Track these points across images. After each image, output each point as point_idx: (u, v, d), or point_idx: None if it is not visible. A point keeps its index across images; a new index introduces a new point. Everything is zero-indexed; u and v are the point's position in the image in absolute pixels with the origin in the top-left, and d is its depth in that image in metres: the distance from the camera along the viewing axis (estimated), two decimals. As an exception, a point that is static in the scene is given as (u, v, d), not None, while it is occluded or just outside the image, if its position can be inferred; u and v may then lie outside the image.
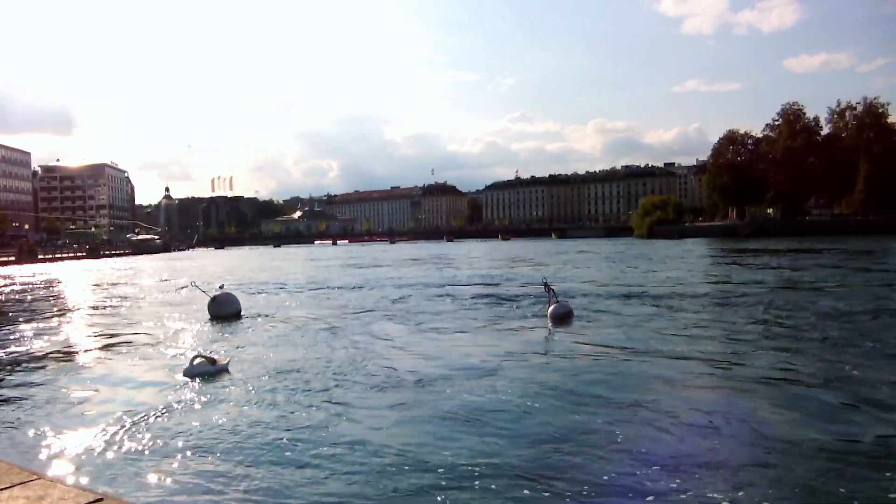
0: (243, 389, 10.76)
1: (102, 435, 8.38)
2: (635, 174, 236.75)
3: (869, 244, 61.47)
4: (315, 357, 13.37)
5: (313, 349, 14.34)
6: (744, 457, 7.06)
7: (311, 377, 11.50)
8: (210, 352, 13.65)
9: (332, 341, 15.36)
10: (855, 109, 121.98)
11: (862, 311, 17.75)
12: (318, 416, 9.02)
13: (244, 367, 12.65)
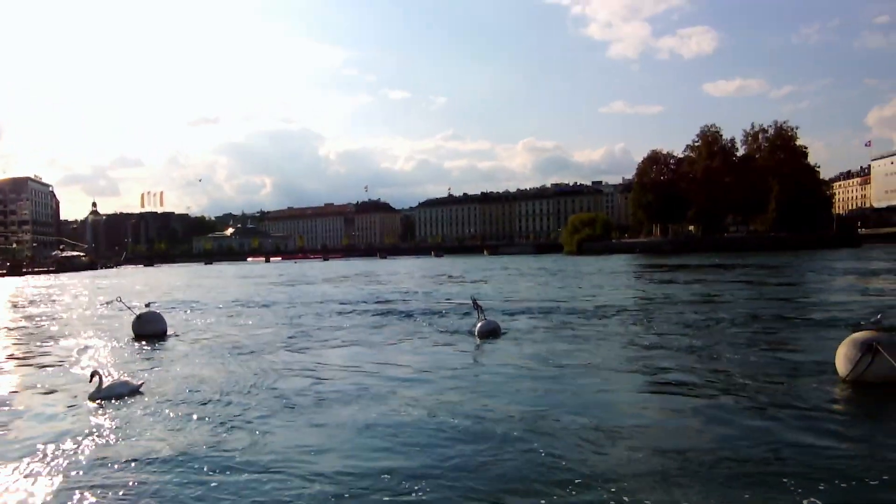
0: (154, 413, 10.17)
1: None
2: (564, 192, 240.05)
3: (776, 260, 63.65)
4: (236, 377, 12.94)
5: (235, 369, 13.93)
6: (654, 465, 7.03)
7: (229, 398, 11.02)
8: (127, 373, 13.22)
9: (254, 360, 14.97)
10: (767, 132, 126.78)
11: (742, 321, 18.73)
12: (231, 440, 8.60)
13: (160, 388, 12.05)
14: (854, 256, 70.61)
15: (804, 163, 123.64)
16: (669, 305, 24.64)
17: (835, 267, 50.34)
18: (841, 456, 7.33)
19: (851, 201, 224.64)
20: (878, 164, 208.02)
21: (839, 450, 7.54)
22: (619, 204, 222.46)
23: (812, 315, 20.17)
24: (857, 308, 21.62)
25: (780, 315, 20.48)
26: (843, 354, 10.30)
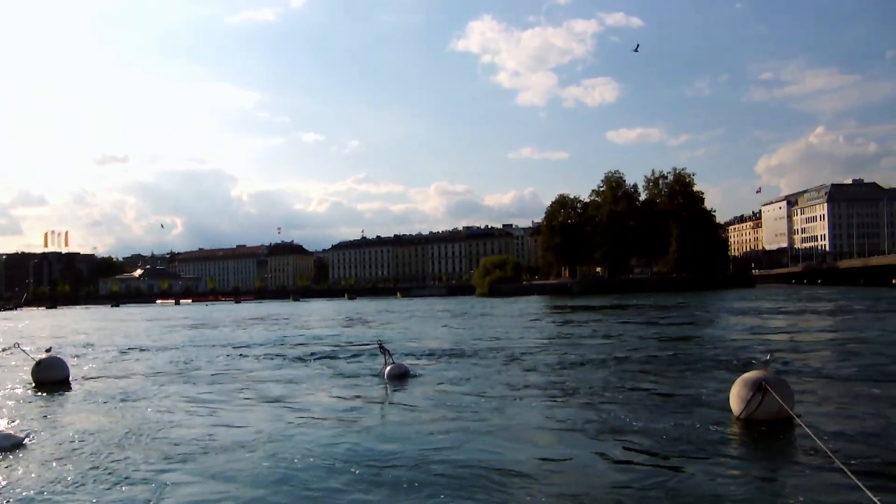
0: (38, 469, 9.39)
1: None
2: (476, 235, 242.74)
3: (677, 300, 65.80)
4: (134, 426, 12.30)
5: (133, 417, 13.30)
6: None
7: (124, 450, 10.37)
8: (17, 422, 12.57)
9: (154, 407, 14.34)
10: (667, 178, 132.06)
11: (642, 360, 19.32)
12: (123, 498, 8.06)
13: (50, 440, 11.23)
14: (749, 296, 73.57)
15: (701, 207, 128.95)
16: (573, 346, 24.96)
17: (731, 306, 52.39)
18: (733, 490, 7.54)
19: (745, 244, 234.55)
20: (768, 209, 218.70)
21: (732, 484, 7.76)
22: (530, 246, 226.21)
23: (709, 354, 20.86)
24: (750, 347, 22.61)
25: (679, 354, 21.01)
26: (735, 393, 10.68)
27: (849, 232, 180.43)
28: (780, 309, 47.27)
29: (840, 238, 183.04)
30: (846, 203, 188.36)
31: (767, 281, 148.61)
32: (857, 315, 38.33)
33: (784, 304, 53.52)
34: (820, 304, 52.96)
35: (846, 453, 8.41)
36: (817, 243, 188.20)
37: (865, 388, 13.90)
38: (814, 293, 78.22)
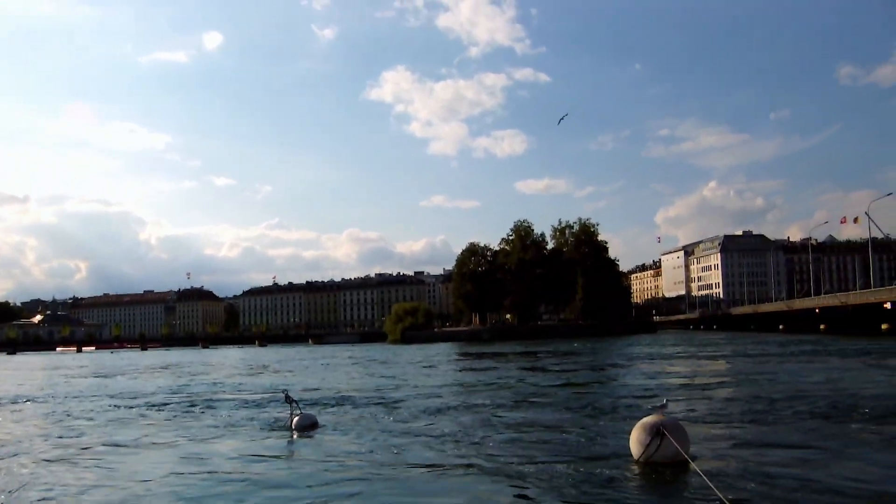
0: None
1: None
2: (388, 282, 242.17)
3: (580, 345, 67.31)
4: (11, 483, 11.51)
5: (10, 475, 12.39)
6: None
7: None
8: None
9: (39, 464, 13.34)
10: (572, 228, 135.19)
11: (546, 404, 19.53)
12: None
13: None
14: (650, 342, 75.50)
15: (605, 256, 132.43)
16: (477, 392, 25.03)
17: (633, 352, 53.68)
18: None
19: (647, 291, 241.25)
20: (667, 258, 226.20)
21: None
22: (441, 294, 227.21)
23: (611, 399, 21.26)
24: (651, 391, 23.31)
25: (582, 399, 21.28)
26: (635, 438, 10.85)
27: (740, 280, 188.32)
28: (678, 354, 48.75)
29: (733, 286, 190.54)
30: (738, 253, 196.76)
31: (668, 327, 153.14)
32: (748, 359, 39.84)
33: (682, 350, 55.22)
34: (715, 349, 54.88)
35: (737, 496, 8.77)
36: (712, 291, 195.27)
37: (757, 429, 14.41)
38: (710, 339, 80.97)
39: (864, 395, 19.33)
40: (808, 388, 21.95)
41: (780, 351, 46.60)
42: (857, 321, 74.86)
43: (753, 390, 22.23)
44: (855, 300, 78.63)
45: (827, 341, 56.78)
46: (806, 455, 11.63)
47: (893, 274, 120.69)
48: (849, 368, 30.06)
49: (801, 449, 12.12)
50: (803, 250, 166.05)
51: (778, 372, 29.73)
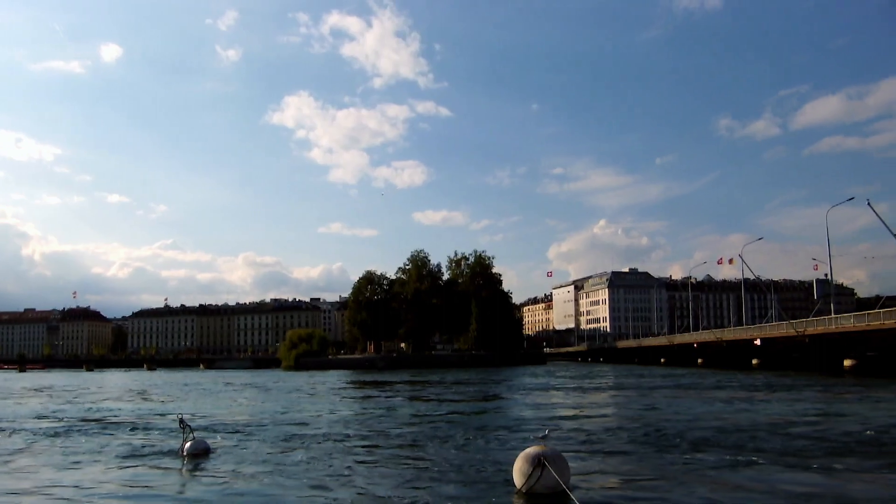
0: None
1: None
2: (283, 308, 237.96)
3: (472, 375, 67.92)
4: None
5: None
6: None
7: None
8: None
9: None
10: (468, 260, 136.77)
11: (436, 434, 19.64)
12: None
13: None
14: (540, 373, 76.90)
15: (499, 288, 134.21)
16: (367, 419, 24.95)
17: (523, 382, 54.55)
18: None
19: (538, 323, 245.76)
20: (558, 292, 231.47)
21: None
22: (337, 321, 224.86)
23: (497, 429, 21.51)
24: (538, 421, 23.71)
25: (470, 428, 21.44)
26: (517, 468, 11.01)
27: (626, 315, 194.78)
28: (565, 385, 49.79)
29: (619, 320, 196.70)
30: (624, 289, 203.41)
31: (557, 358, 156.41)
32: (631, 392, 41.11)
33: (569, 381, 56.45)
34: (600, 381, 56.41)
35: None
36: (600, 324, 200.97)
37: (637, 460, 14.93)
38: (596, 370, 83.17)
39: (728, 427, 20.27)
40: (687, 420, 22.84)
41: (660, 383, 48.26)
42: (730, 356, 78.48)
43: (634, 422, 22.93)
44: (729, 336, 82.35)
45: (702, 374, 59.22)
46: (684, 486, 12.08)
47: (763, 313, 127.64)
48: (723, 400, 31.42)
49: (679, 483, 12.54)
50: (684, 288, 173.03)
51: (658, 404, 30.78)
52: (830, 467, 13.63)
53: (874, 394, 33.45)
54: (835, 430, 19.53)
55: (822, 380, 46.20)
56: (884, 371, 50.11)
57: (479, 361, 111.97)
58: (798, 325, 63.69)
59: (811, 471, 13.43)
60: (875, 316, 53.72)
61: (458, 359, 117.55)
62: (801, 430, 19.56)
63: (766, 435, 18.53)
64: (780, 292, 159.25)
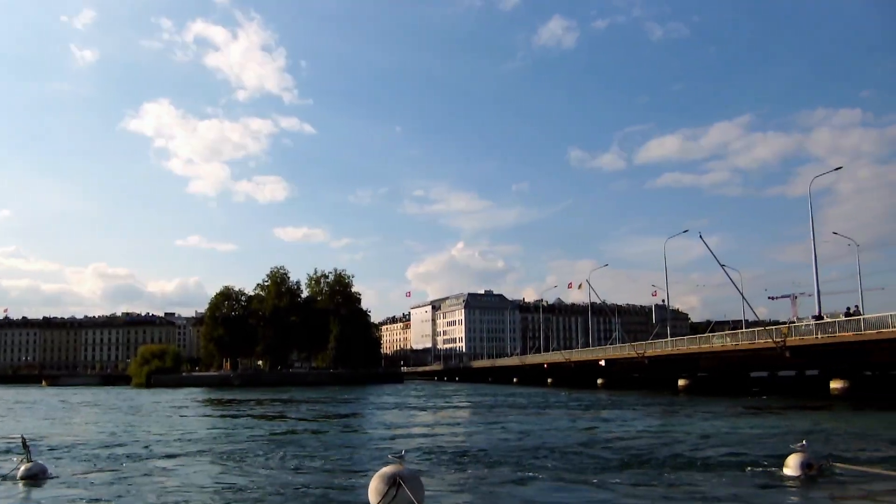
0: None
1: None
2: (136, 322, 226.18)
3: (330, 394, 67.18)
4: None
5: None
6: None
7: None
8: None
9: None
10: (328, 278, 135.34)
11: (285, 454, 19.32)
12: None
13: None
14: (397, 392, 77.06)
15: (358, 307, 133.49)
16: (219, 439, 24.32)
17: (380, 401, 54.41)
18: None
19: (396, 342, 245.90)
20: (416, 311, 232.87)
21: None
22: (192, 337, 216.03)
23: (354, 448, 21.39)
24: (393, 440, 23.70)
25: (326, 447, 21.24)
26: (373, 487, 10.94)
27: (481, 335, 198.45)
28: (422, 405, 50.04)
29: (474, 340, 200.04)
30: (479, 310, 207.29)
31: (415, 377, 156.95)
32: (484, 411, 41.81)
33: (426, 400, 56.81)
34: (455, 399, 57.08)
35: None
36: (456, 344, 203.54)
37: (489, 477, 15.21)
38: (452, 389, 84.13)
39: (564, 442, 20.98)
40: (536, 438, 23.42)
41: (514, 404, 49.30)
42: (578, 376, 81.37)
43: (487, 440, 23.32)
44: (576, 357, 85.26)
45: (551, 394, 61.11)
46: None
47: (608, 335, 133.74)
48: (567, 418, 32.49)
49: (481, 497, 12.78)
50: (536, 310, 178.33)
51: (509, 422, 31.44)
52: (606, 482, 14.41)
53: (698, 411, 35.40)
54: (640, 445, 20.77)
55: (657, 398, 48.76)
56: (712, 390, 53.46)
57: (337, 380, 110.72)
58: (638, 348, 66.86)
59: (584, 485, 14.21)
60: (705, 339, 57.30)
61: (316, 377, 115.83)
62: (610, 446, 20.68)
63: (573, 451, 19.41)
64: (623, 316, 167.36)
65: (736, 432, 24.40)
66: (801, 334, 45.53)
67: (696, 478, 14.80)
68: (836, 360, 43.94)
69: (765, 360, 51.03)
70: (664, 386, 60.74)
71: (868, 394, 41.28)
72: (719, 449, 19.44)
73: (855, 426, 25.65)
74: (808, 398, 42.40)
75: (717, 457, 17.75)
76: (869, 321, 40.53)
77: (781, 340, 45.60)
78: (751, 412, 34.33)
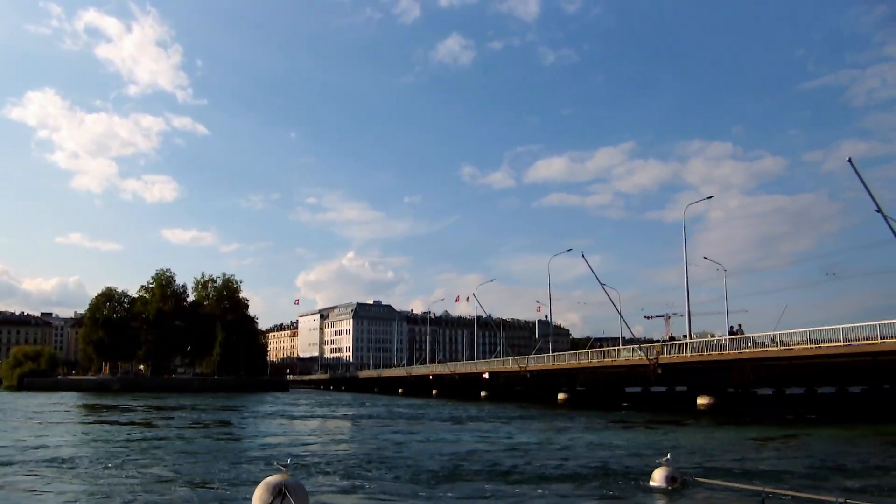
0: None
1: None
2: (9, 321, 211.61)
3: (214, 401, 65.04)
4: None
5: None
6: None
7: None
8: None
9: None
10: (216, 283, 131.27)
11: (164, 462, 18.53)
12: None
13: None
14: (283, 400, 75.45)
15: (245, 313, 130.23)
16: (97, 448, 23.16)
17: (265, 410, 53.06)
18: None
19: (283, 350, 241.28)
20: (304, 320, 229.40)
21: None
22: (70, 339, 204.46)
23: (236, 457, 20.67)
24: (278, 448, 23.03)
25: (207, 456, 20.57)
26: (257, 496, 10.54)
27: (368, 346, 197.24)
28: (306, 414, 49.13)
29: (362, 350, 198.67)
30: (368, 320, 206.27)
31: (301, 386, 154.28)
32: (369, 421, 41.39)
33: (311, 409, 55.83)
34: (341, 409, 56.33)
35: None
36: (343, 354, 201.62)
37: (370, 487, 14.93)
38: (337, 399, 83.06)
39: (445, 454, 20.97)
40: (418, 449, 23.27)
41: (403, 415, 49.05)
42: (463, 388, 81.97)
43: (370, 450, 23.03)
44: (461, 370, 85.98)
45: (435, 405, 61.18)
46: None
47: (493, 348, 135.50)
48: (446, 430, 32.55)
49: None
50: (423, 322, 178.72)
51: (387, 433, 31.23)
52: (434, 494, 14.52)
53: (575, 424, 36.17)
54: (513, 456, 21.11)
55: (537, 410, 49.58)
56: (589, 404, 54.87)
57: (221, 387, 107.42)
58: (521, 361, 68.05)
59: (413, 497, 14.23)
60: (584, 355, 58.90)
61: (199, 383, 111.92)
62: (478, 458, 20.81)
63: (434, 462, 19.51)
64: (507, 330, 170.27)
65: (608, 445, 24.99)
66: (672, 353, 47.56)
67: (564, 489, 15.05)
68: (702, 378, 46.03)
69: (639, 377, 52.83)
70: (545, 399, 61.91)
71: (731, 409, 43.34)
72: (590, 461, 19.86)
73: (717, 441, 26.77)
74: (678, 413, 44.12)
75: (587, 469, 18.13)
76: (734, 342, 42.95)
77: (654, 358, 47.44)
78: (623, 426, 35.35)
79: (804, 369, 40.61)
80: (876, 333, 33.58)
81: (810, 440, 26.16)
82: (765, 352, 39.70)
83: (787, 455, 21.59)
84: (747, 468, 18.35)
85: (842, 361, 36.96)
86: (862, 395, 49.80)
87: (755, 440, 25.90)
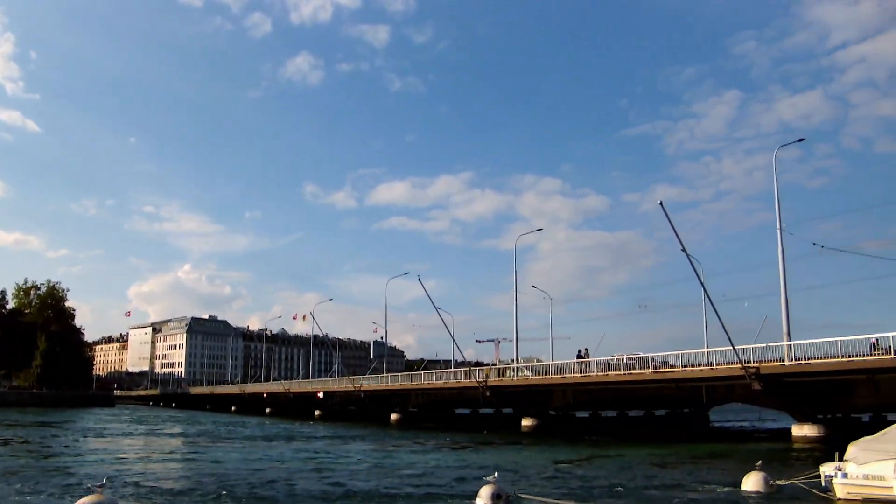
0: None
1: None
2: None
3: (34, 416, 59.74)
4: None
5: None
6: None
7: None
8: None
9: None
10: (40, 290, 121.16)
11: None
12: None
13: None
14: (108, 416, 70.43)
15: (71, 324, 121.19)
16: None
17: (89, 426, 49.36)
18: None
19: (111, 364, 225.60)
20: (135, 332, 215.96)
21: None
22: None
23: (53, 476, 19.07)
24: (94, 467, 21.40)
25: (19, 475, 18.74)
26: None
27: (202, 361, 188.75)
28: (130, 431, 46.15)
29: (195, 366, 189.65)
30: (202, 335, 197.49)
31: (129, 401, 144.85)
32: (194, 438, 39.48)
33: (136, 426, 52.56)
34: (168, 427, 53.33)
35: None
36: (176, 369, 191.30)
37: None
38: (166, 416, 78.60)
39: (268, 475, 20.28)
40: (241, 469, 22.29)
41: (231, 435, 47.09)
42: (297, 407, 79.86)
43: (196, 471, 21.92)
44: (296, 388, 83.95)
45: (267, 424, 59.15)
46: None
47: (328, 368, 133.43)
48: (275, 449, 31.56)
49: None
50: (260, 339, 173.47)
51: (217, 452, 29.93)
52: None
53: (406, 443, 36.13)
54: (338, 477, 20.72)
55: (369, 430, 49.14)
56: (421, 424, 55.10)
57: (40, 401, 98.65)
58: (356, 381, 67.40)
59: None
60: (417, 376, 59.31)
61: (15, 397, 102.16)
62: (293, 479, 20.36)
63: (255, 483, 19.03)
64: (344, 350, 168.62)
65: (436, 465, 25.07)
66: (500, 376, 48.86)
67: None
68: (527, 401, 47.54)
69: (469, 399, 53.80)
70: (378, 419, 61.52)
71: (552, 430, 44.97)
72: (418, 481, 19.85)
73: (540, 459, 27.61)
74: (503, 434, 45.18)
75: (415, 488, 18.12)
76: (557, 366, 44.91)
77: (483, 381, 48.47)
78: (452, 446, 35.67)
79: (617, 394, 42.97)
80: (678, 362, 36.31)
81: (619, 460, 27.50)
82: (585, 377, 41.63)
83: (594, 473, 22.53)
84: (569, 485, 19.01)
85: (650, 387, 39.48)
86: (666, 417, 53.57)
87: (569, 462, 26.88)
